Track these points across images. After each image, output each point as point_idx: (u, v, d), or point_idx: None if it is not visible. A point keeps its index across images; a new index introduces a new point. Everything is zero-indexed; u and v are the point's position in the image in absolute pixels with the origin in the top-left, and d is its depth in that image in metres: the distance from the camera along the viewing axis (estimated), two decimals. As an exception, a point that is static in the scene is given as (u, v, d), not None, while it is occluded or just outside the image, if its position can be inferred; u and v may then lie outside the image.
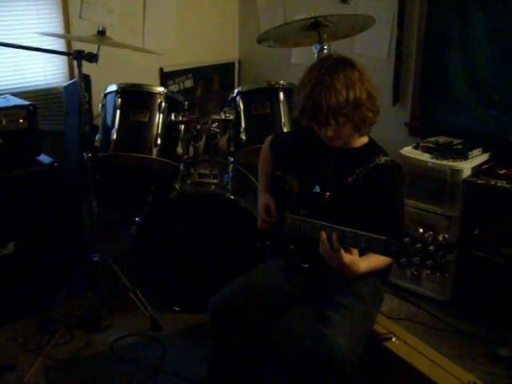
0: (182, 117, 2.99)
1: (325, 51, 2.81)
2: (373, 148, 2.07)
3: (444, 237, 1.57)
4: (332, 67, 1.89)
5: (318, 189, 2.06)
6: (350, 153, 2.05)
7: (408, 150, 3.16)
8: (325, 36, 2.81)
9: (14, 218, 2.89)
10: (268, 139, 2.43)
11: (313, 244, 1.91)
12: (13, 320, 2.95)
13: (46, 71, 3.75)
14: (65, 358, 2.72)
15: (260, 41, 2.96)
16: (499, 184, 2.84)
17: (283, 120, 2.99)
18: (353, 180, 1.99)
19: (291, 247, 2.13)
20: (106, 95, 3.02)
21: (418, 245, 1.58)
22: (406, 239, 1.60)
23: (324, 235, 1.83)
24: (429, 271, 1.57)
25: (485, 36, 3.10)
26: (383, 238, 1.68)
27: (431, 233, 1.58)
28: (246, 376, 2.21)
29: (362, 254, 1.87)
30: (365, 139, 2.07)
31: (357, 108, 1.89)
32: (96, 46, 2.78)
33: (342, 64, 1.91)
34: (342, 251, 1.79)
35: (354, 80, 1.88)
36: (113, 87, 2.96)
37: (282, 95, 3.02)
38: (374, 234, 1.73)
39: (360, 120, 1.92)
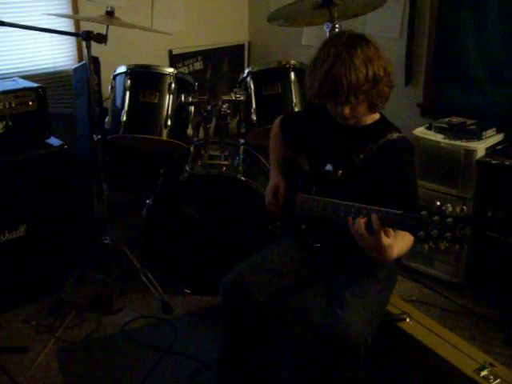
0: (192, 98, 2.95)
1: (336, 30, 2.77)
2: (384, 124, 2.04)
3: (462, 209, 1.55)
4: (348, 43, 1.85)
5: (329, 167, 2.04)
6: (361, 130, 2.02)
7: (421, 131, 3.12)
8: (336, 15, 2.77)
9: (25, 200, 2.88)
10: (278, 119, 2.41)
11: (325, 223, 1.88)
12: (25, 302, 2.97)
13: (55, 54, 3.73)
14: (77, 340, 2.73)
15: (270, 19, 2.91)
16: (514, 164, 2.80)
17: (294, 100, 2.96)
18: (364, 156, 1.96)
19: (303, 227, 2.11)
20: (115, 77, 2.99)
21: (436, 217, 1.55)
22: (423, 212, 1.57)
23: (362, 219, 1.73)
24: (447, 244, 1.53)
25: (499, 14, 3.03)
26: (399, 212, 1.65)
27: (448, 205, 1.55)
28: (258, 357, 2.20)
29: None
30: (376, 116, 2.04)
31: (375, 84, 1.86)
32: (105, 27, 2.75)
33: (358, 40, 1.87)
34: (382, 233, 1.69)
35: (371, 56, 1.85)
36: (122, 68, 2.94)
37: (292, 75, 2.98)
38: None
39: (377, 96, 1.89)
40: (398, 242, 1.77)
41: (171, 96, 2.91)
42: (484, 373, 1.89)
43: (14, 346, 2.68)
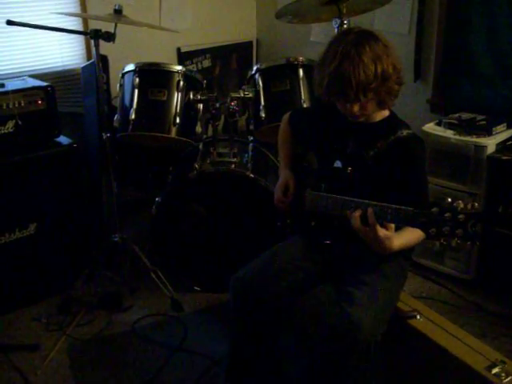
0: (201, 95, 2.95)
1: (345, 27, 2.76)
2: (394, 121, 2.03)
3: (473, 205, 1.54)
4: (356, 41, 1.84)
5: (339, 164, 2.03)
6: (371, 127, 2.01)
7: (430, 127, 3.10)
8: (344, 11, 2.76)
9: (35, 199, 2.89)
10: (286, 115, 2.40)
11: (335, 220, 1.88)
12: (36, 301, 2.99)
13: (64, 53, 3.74)
14: (87, 337, 2.74)
15: (278, 16, 2.91)
16: (525, 160, 2.78)
17: (303, 97, 2.95)
18: (374, 153, 1.95)
19: (312, 224, 2.11)
20: (123, 75, 2.99)
21: (447, 214, 1.54)
22: (434, 209, 1.56)
23: (357, 212, 1.78)
24: (459, 241, 1.52)
25: (509, 9, 3.02)
26: (410, 209, 1.64)
27: (460, 201, 1.55)
28: (267, 354, 2.20)
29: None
30: (386, 113, 2.03)
31: (384, 82, 1.85)
32: (113, 25, 2.76)
33: (366, 37, 1.86)
34: (378, 226, 1.73)
35: (379, 53, 1.84)
36: (130, 66, 2.94)
37: (301, 72, 2.97)
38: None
39: (386, 93, 1.88)
40: (402, 234, 1.81)
41: (180, 94, 2.91)
42: (495, 370, 1.87)
43: (25, 343, 2.70)
